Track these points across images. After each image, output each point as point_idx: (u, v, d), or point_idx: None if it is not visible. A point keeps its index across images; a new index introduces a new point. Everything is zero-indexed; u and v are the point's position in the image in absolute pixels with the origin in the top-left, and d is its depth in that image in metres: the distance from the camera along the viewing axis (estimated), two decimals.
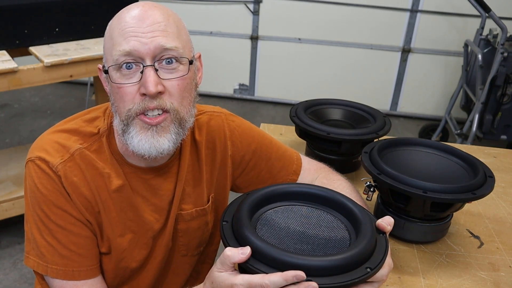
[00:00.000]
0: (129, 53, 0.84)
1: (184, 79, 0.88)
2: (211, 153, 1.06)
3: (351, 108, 1.50)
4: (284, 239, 0.88)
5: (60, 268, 0.91)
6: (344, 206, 0.95)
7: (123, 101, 0.87)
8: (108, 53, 0.89)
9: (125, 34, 0.85)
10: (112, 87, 0.89)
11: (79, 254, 0.92)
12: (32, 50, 2.12)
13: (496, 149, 1.63)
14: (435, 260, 1.10)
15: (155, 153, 0.88)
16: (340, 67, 3.94)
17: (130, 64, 0.85)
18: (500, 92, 2.93)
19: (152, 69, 0.85)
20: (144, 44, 0.84)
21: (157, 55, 0.85)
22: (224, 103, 4.03)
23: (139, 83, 0.85)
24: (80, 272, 0.92)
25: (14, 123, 3.52)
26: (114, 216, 0.96)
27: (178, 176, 1.01)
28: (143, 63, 0.85)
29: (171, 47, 0.85)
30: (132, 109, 0.86)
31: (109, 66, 0.87)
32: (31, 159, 0.92)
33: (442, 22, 3.71)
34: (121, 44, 0.85)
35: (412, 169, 1.15)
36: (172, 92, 0.87)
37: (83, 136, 0.95)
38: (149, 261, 1.04)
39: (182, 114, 0.89)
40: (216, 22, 3.89)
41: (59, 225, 0.90)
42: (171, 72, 0.87)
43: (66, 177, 0.90)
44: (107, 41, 0.89)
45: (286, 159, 1.14)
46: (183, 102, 0.90)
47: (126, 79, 0.86)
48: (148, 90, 0.84)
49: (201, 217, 1.06)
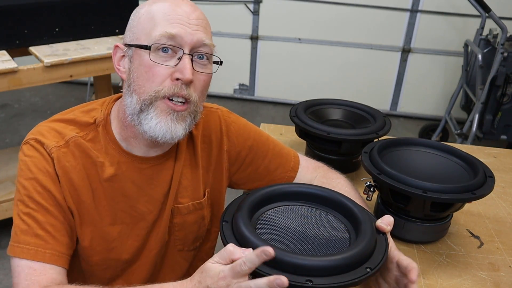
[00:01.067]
0: (173, 37, 0.88)
1: (209, 77, 0.94)
2: (207, 147, 1.07)
3: (351, 108, 1.50)
4: (284, 239, 0.88)
5: (32, 247, 0.88)
6: (344, 206, 0.95)
7: (151, 81, 0.89)
8: (144, 33, 0.91)
9: (172, 19, 0.89)
10: (141, 65, 0.90)
11: (53, 237, 0.90)
12: (32, 50, 2.12)
13: (496, 149, 1.63)
14: (435, 260, 1.10)
15: (169, 137, 0.91)
16: (340, 67, 3.94)
17: (168, 48, 0.89)
18: (500, 92, 2.93)
19: (190, 58, 0.89)
20: (189, 34, 0.89)
21: (196, 47, 0.90)
22: (224, 103, 4.02)
23: (174, 68, 0.89)
24: (52, 255, 0.89)
25: (14, 123, 3.52)
26: (104, 205, 0.96)
27: (175, 168, 1.02)
28: (183, 50, 0.89)
29: (209, 44, 0.92)
30: (161, 91, 0.89)
31: (151, 44, 0.88)
32: (26, 141, 0.94)
33: (442, 22, 3.71)
34: (166, 27, 0.88)
35: (412, 169, 1.15)
36: (197, 85, 0.92)
37: (79, 125, 0.97)
38: (143, 253, 1.04)
39: (198, 108, 0.95)
40: (216, 22, 3.88)
41: (40, 204, 0.90)
42: (202, 67, 0.92)
43: (58, 160, 0.91)
44: (146, 21, 0.91)
45: (284, 156, 1.15)
46: (201, 97, 0.95)
47: (161, 60, 0.89)
48: (186, 76, 0.88)
49: (197, 211, 1.07)
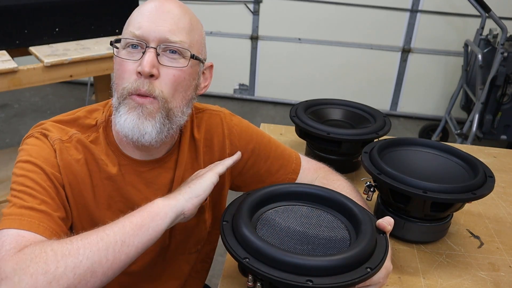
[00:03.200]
0: (137, 34, 0.89)
1: (182, 71, 0.91)
2: (208, 151, 1.07)
3: (351, 108, 1.50)
4: (284, 239, 0.88)
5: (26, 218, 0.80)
6: (344, 206, 0.95)
7: (121, 77, 0.90)
8: (124, 32, 0.93)
9: (139, 17, 0.90)
10: (115, 63, 0.93)
11: (50, 214, 0.84)
12: (32, 50, 2.11)
13: (496, 149, 1.63)
14: (435, 260, 1.10)
15: (137, 134, 0.89)
16: (340, 67, 3.94)
17: (136, 44, 0.90)
18: (500, 92, 2.93)
19: (153, 51, 0.88)
20: (152, 30, 0.88)
21: (163, 42, 0.89)
22: (224, 103, 4.03)
23: (138, 62, 0.89)
24: (45, 229, 0.81)
25: (14, 123, 3.52)
26: (103, 203, 0.96)
27: (176, 172, 1.02)
28: (148, 44, 0.89)
29: (175, 41, 0.89)
30: (126, 87, 0.89)
31: (115, 41, 0.92)
32: (30, 134, 0.94)
33: (442, 22, 3.71)
34: (134, 25, 0.90)
35: (412, 169, 1.15)
36: (165, 80, 0.90)
37: (81, 127, 0.97)
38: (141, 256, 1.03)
39: (171, 105, 0.91)
40: (216, 22, 3.89)
41: (39, 183, 0.85)
42: (171, 61, 0.90)
43: (61, 152, 0.91)
44: (125, 24, 0.94)
45: (285, 158, 1.14)
46: (175, 94, 0.91)
47: (129, 56, 0.90)
48: (143, 68, 0.87)
49: (199, 215, 1.06)
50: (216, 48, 3.93)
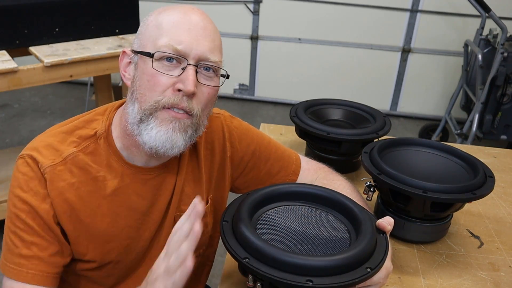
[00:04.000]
0: (179, 49, 0.86)
1: (215, 90, 0.91)
2: (209, 154, 1.06)
3: (351, 108, 1.50)
4: (284, 239, 0.88)
5: (15, 267, 0.88)
6: (344, 206, 0.95)
7: (153, 90, 0.87)
8: (150, 40, 0.89)
9: (179, 29, 0.87)
10: (144, 73, 0.88)
11: (38, 257, 0.89)
12: (32, 50, 2.12)
13: (496, 149, 1.63)
14: (435, 260, 1.10)
15: (168, 147, 0.88)
16: (340, 67, 3.94)
17: (172, 58, 0.87)
18: (500, 92, 2.93)
19: (194, 69, 0.87)
20: (194, 47, 0.86)
21: (202, 59, 0.88)
22: (224, 103, 4.03)
23: (177, 78, 0.86)
24: (34, 276, 0.89)
25: (14, 123, 3.52)
26: (108, 222, 0.94)
27: (178, 176, 1.01)
28: (188, 60, 0.87)
29: (215, 61, 0.89)
30: (161, 101, 0.87)
31: (154, 52, 0.87)
32: (22, 156, 0.92)
33: (442, 22, 3.71)
34: (173, 38, 0.86)
35: (412, 169, 1.15)
36: (201, 98, 0.89)
37: (79, 137, 0.94)
38: (144, 261, 1.03)
39: (201, 121, 0.91)
40: (216, 22, 3.87)
41: (26, 223, 0.88)
42: (207, 79, 0.90)
43: (52, 181, 0.89)
44: (153, 29, 0.89)
45: (285, 160, 1.14)
46: (205, 110, 0.92)
47: (165, 70, 0.87)
48: (187, 87, 0.85)
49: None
50: None
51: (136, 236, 0.99)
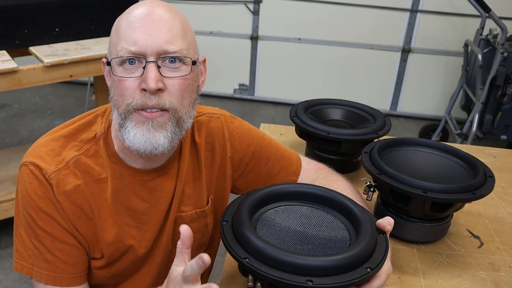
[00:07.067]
0: (133, 50, 0.85)
1: (186, 79, 0.89)
2: (210, 155, 1.06)
3: (351, 108, 1.50)
4: (284, 239, 0.88)
5: (44, 272, 0.92)
6: (344, 206, 0.95)
7: (123, 95, 0.87)
8: (113, 47, 0.89)
9: (131, 31, 0.86)
10: (113, 81, 0.89)
11: (63, 261, 0.92)
12: (32, 50, 2.12)
13: (496, 149, 1.63)
14: (435, 260, 1.10)
15: (150, 148, 0.88)
16: (340, 67, 3.94)
17: (133, 59, 0.86)
18: (500, 92, 2.93)
19: (154, 66, 0.85)
20: (148, 44, 0.85)
21: (162, 53, 0.86)
22: (224, 103, 4.03)
23: (140, 78, 0.86)
24: (63, 279, 0.92)
25: (14, 123, 3.52)
26: (111, 223, 0.95)
27: (178, 177, 1.01)
28: (146, 59, 0.86)
29: (174, 50, 0.86)
30: (131, 103, 0.86)
31: (111, 59, 0.88)
32: (25, 163, 0.92)
33: (442, 22, 3.71)
34: (127, 40, 0.86)
35: (412, 169, 1.15)
36: (172, 91, 0.88)
37: (80, 141, 0.95)
38: (147, 262, 1.04)
39: (180, 113, 0.90)
40: (216, 22, 3.88)
41: (45, 230, 0.90)
42: (173, 70, 0.88)
43: (58, 186, 0.90)
44: (113, 35, 0.90)
45: (286, 160, 1.14)
46: (183, 102, 0.90)
47: (128, 73, 0.86)
48: (149, 85, 0.84)
49: (200, 219, 1.06)
50: (216, 48, 3.93)
51: (138, 236, 0.99)
